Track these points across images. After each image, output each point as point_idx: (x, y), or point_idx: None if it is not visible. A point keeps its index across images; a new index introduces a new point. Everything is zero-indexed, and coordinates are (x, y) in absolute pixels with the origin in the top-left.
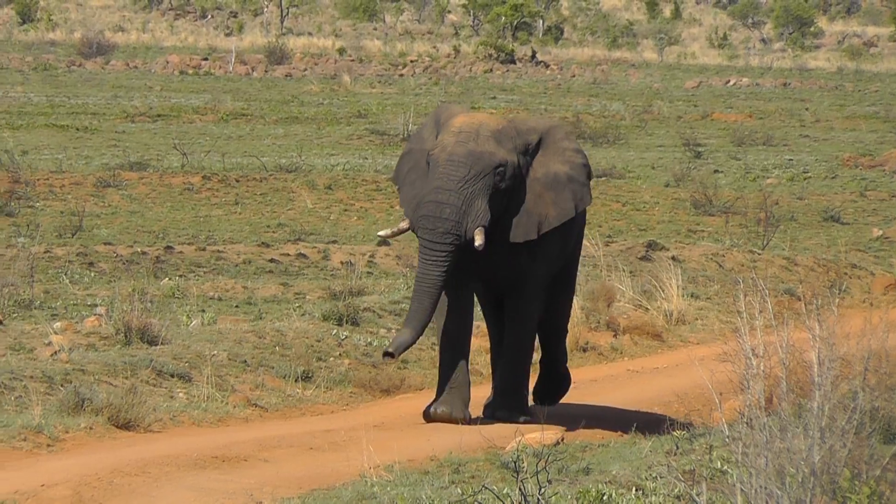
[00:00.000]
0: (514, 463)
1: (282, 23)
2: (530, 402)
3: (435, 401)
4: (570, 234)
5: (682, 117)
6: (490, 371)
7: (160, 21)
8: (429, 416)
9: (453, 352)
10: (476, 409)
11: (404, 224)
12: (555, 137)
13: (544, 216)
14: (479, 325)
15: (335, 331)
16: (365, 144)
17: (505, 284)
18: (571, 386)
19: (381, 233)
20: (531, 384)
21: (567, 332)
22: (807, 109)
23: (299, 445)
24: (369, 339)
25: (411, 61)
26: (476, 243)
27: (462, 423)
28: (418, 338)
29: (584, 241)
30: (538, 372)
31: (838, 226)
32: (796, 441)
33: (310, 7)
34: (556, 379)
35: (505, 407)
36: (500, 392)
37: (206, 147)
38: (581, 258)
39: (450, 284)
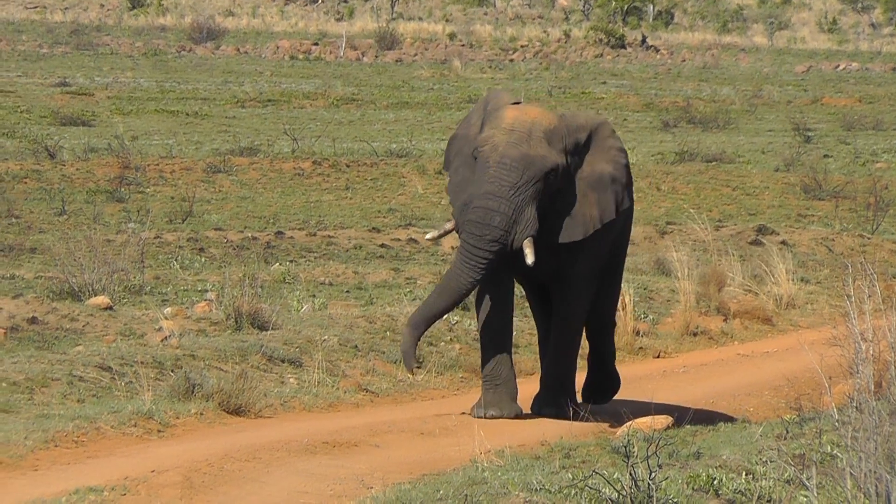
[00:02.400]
0: (625, 448)
1: (392, 8)
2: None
3: (482, 400)
4: (612, 229)
5: (792, 102)
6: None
7: (270, 6)
8: (480, 418)
9: (496, 347)
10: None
11: (449, 225)
12: (602, 135)
13: (588, 217)
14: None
15: (445, 316)
16: None
17: (548, 280)
18: (681, 369)
19: (428, 236)
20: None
21: (615, 325)
22: None
23: (410, 430)
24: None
25: (521, 46)
26: (528, 260)
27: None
28: (420, 337)
29: (695, 226)
30: (586, 369)
31: None
32: None
33: None
34: (604, 376)
35: (551, 403)
36: (546, 388)
37: (316, 132)
38: (691, 242)
39: (490, 279)
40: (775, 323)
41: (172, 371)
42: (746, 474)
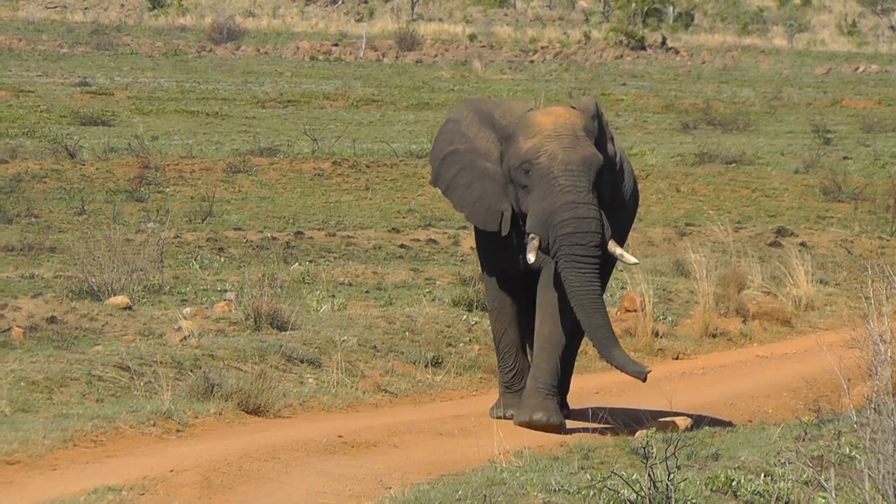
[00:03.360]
0: (644, 449)
1: (412, 9)
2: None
3: (502, 400)
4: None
5: (812, 104)
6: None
7: (291, 6)
8: (498, 418)
9: (514, 353)
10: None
11: (536, 242)
12: (601, 116)
13: (618, 202)
14: None
15: (465, 316)
16: None
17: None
18: (700, 371)
19: (531, 259)
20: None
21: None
22: None
23: (429, 431)
24: None
25: (542, 48)
26: (630, 260)
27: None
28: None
29: (714, 228)
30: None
31: None
32: None
33: None
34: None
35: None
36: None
37: (336, 133)
38: (711, 244)
39: (502, 286)
40: (794, 325)
41: (191, 371)
42: (765, 476)
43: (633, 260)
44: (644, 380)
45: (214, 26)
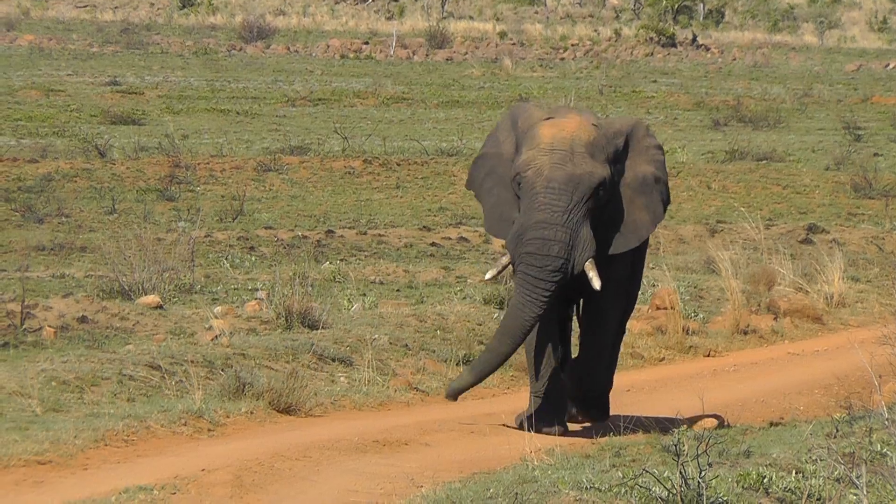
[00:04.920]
0: (675, 446)
1: (443, 6)
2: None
3: (531, 411)
4: None
5: (842, 101)
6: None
7: (321, 5)
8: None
9: (546, 363)
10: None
11: (505, 259)
12: (638, 136)
13: (641, 223)
14: None
15: (496, 314)
16: None
17: (579, 290)
18: (731, 368)
19: (488, 275)
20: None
21: (624, 333)
22: None
23: (460, 429)
24: None
25: (572, 45)
26: (595, 284)
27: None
28: (478, 383)
29: (745, 225)
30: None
31: None
32: None
33: None
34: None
35: (598, 409)
36: (585, 406)
37: (367, 131)
38: (742, 241)
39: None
40: (825, 322)
41: (223, 370)
42: (796, 473)
43: (596, 285)
44: (451, 398)
45: (244, 25)
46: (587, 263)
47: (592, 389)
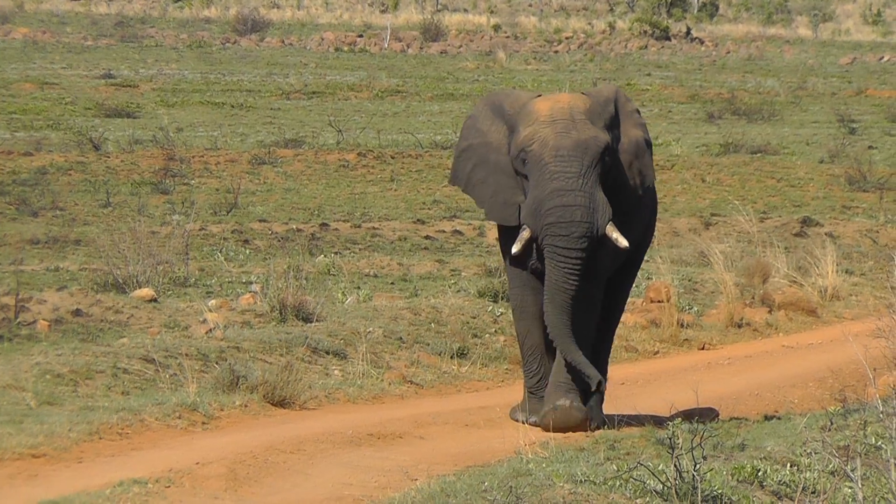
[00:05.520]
0: (670, 439)
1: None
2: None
3: (525, 405)
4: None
5: (837, 93)
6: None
7: None
8: (516, 422)
9: (539, 356)
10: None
11: (526, 233)
12: (622, 102)
13: (638, 185)
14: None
15: (490, 307)
16: None
17: (600, 271)
18: (726, 361)
19: (515, 249)
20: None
21: (618, 321)
22: None
23: (455, 422)
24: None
25: (566, 38)
26: (622, 243)
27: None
28: (579, 367)
29: (739, 218)
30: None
31: None
32: None
33: None
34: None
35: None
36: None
37: (361, 124)
38: (736, 234)
39: (527, 286)
40: (820, 314)
41: (217, 363)
42: (791, 466)
43: (624, 243)
44: (596, 389)
45: (239, 18)
46: (608, 226)
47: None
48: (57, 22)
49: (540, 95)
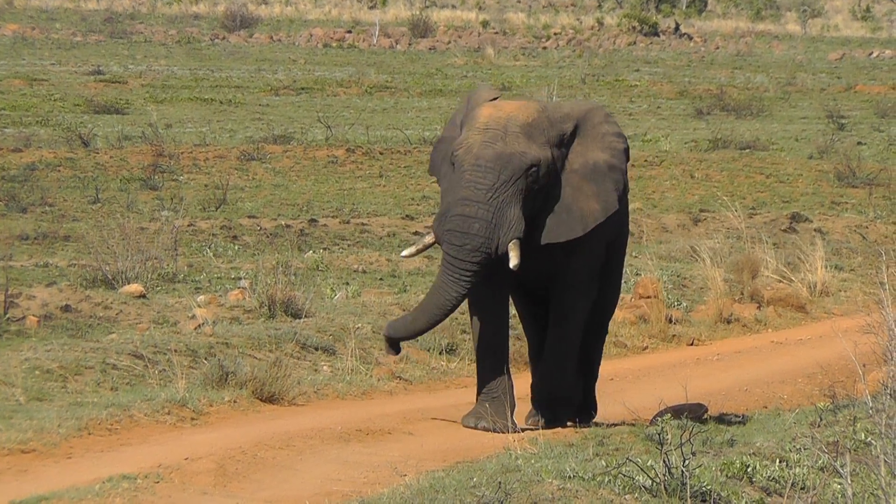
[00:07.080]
0: (659, 435)
1: None
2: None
3: (476, 410)
4: (608, 224)
5: (826, 89)
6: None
7: None
8: (468, 428)
9: (493, 358)
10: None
11: (429, 238)
12: (593, 122)
13: (588, 211)
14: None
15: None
16: None
17: (543, 283)
18: (715, 357)
19: (405, 253)
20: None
21: (607, 332)
22: None
23: (444, 418)
24: (512, 312)
25: (555, 34)
26: (511, 263)
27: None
28: (398, 350)
29: (728, 214)
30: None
31: None
32: None
33: None
34: (588, 391)
35: (551, 419)
36: (538, 403)
37: (350, 120)
38: (725, 230)
39: (484, 290)
40: (809, 310)
41: (206, 359)
42: (780, 462)
43: (513, 263)
44: (393, 352)
45: (228, 14)
46: (510, 244)
47: (556, 390)
48: (46, 18)
49: (496, 99)
